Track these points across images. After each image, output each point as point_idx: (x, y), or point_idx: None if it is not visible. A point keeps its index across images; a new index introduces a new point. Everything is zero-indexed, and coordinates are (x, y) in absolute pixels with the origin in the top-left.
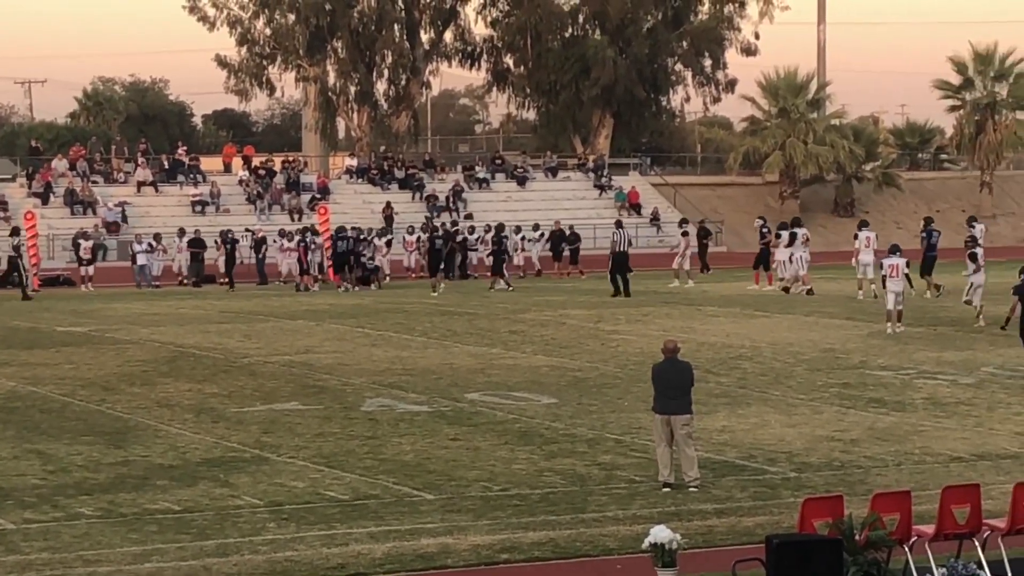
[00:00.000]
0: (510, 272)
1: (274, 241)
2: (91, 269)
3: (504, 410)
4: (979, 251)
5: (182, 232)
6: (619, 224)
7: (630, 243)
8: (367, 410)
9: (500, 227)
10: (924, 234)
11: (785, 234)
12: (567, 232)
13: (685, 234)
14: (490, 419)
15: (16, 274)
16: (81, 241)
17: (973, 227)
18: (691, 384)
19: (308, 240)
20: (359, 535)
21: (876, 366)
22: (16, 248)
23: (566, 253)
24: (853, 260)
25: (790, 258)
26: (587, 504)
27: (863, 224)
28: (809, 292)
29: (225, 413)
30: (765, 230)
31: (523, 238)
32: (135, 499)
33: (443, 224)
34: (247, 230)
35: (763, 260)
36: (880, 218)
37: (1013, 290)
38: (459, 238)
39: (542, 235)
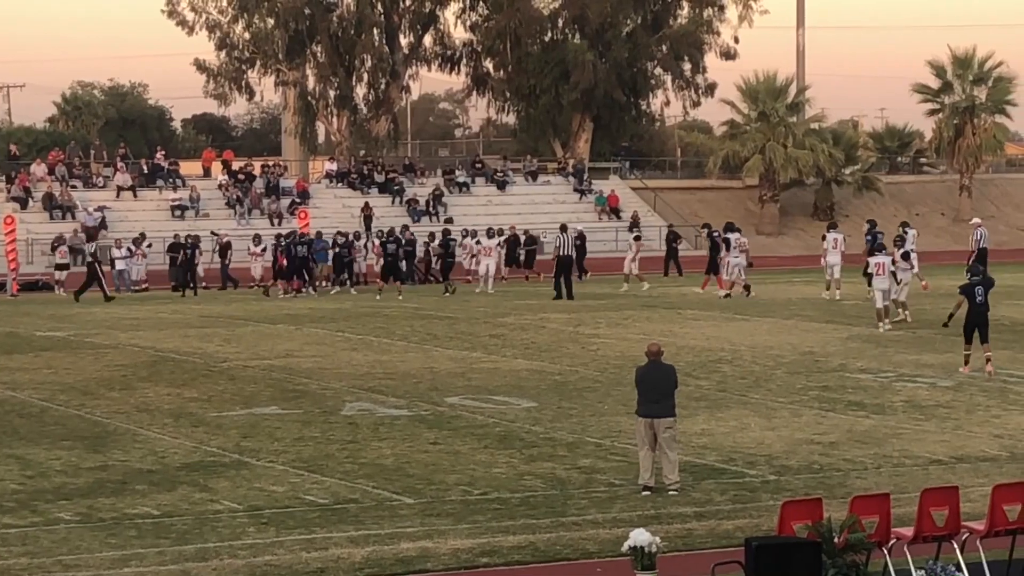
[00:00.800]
0: (461, 277)
1: (250, 246)
2: (64, 274)
3: (484, 414)
4: (912, 251)
5: (142, 237)
6: (563, 228)
7: (578, 247)
8: (347, 414)
9: (446, 232)
10: (869, 238)
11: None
12: (522, 237)
13: (637, 238)
14: (470, 423)
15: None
16: (58, 245)
17: (906, 233)
18: (675, 387)
19: (284, 244)
20: (339, 539)
21: (855, 369)
22: (93, 253)
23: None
24: (821, 261)
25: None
26: (567, 508)
27: (832, 226)
28: (745, 291)
29: (205, 417)
30: (715, 235)
31: (477, 242)
32: (114, 504)
33: (405, 228)
34: (212, 234)
35: (714, 265)
36: (859, 221)
37: (960, 289)
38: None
39: (505, 239)
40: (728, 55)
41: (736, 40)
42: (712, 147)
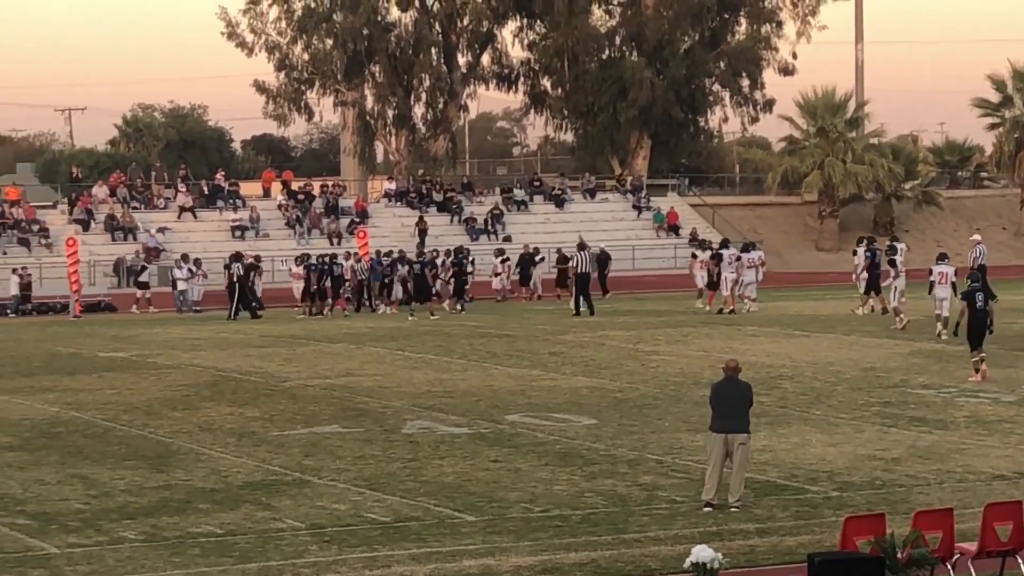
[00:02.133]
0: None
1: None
2: (144, 293)
3: (544, 431)
4: (898, 258)
5: (185, 258)
6: (581, 246)
7: (598, 263)
8: (408, 432)
9: (459, 249)
10: (868, 254)
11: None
12: (535, 256)
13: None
14: (530, 440)
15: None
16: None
17: (895, 247)
18: (750, 404)
19: (322, 265)
20: (401, 557)
21: (917, 384)
22: (238, 273)
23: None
24: (853, 277)
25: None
26: (628, 524)
27: (860, 241)
28: (730, 312)
29: (266, 436)
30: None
31: (503, 260)
32: (178, 523)
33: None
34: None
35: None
36: (920, 236)
37: (961, 295)
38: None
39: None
40: (786, 71)
41: (794, 56)
42: (771, 163)
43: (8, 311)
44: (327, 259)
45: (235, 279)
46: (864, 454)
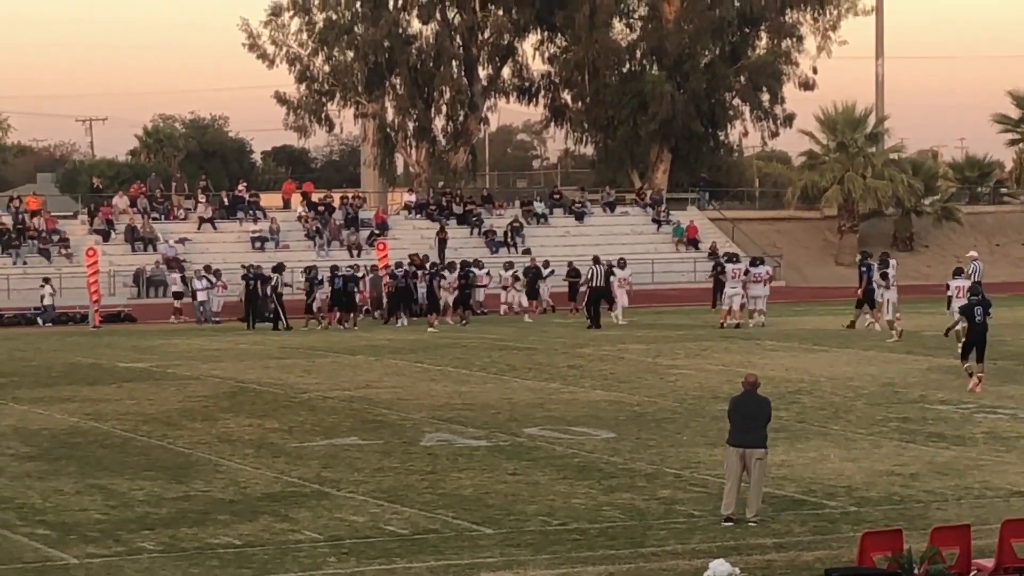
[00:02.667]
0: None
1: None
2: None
3: (563, 444)
4: (890, 271)
5: (207, 269)
6: (596, 260)
7: (608, 277)
8: (426, 445)
9: (464, 263)
10: (863, 268)
11: (741, 267)
12: (544, 269)
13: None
14: (549, 454)
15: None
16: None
17: (887, 261)
18: (768, 419)
19: (317, 277)
20: (419, 569)
21: (936, 400)
22: (274, 285)
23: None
24: (859, 292)
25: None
26: (646, 538)
27: (864, 256)
28: (737, 326)
29: (285, 448)
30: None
31: (514, 275)
32: (196, 534)
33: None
34: (241, 266)
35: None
36: (940, 252)
37: (959, 309)
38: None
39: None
40: (807, 86)
41: (815, 71)
42: (790, 177)
43: (41, 321)
44: (316, 270)
45: (270, 291)
46: (882, 469)
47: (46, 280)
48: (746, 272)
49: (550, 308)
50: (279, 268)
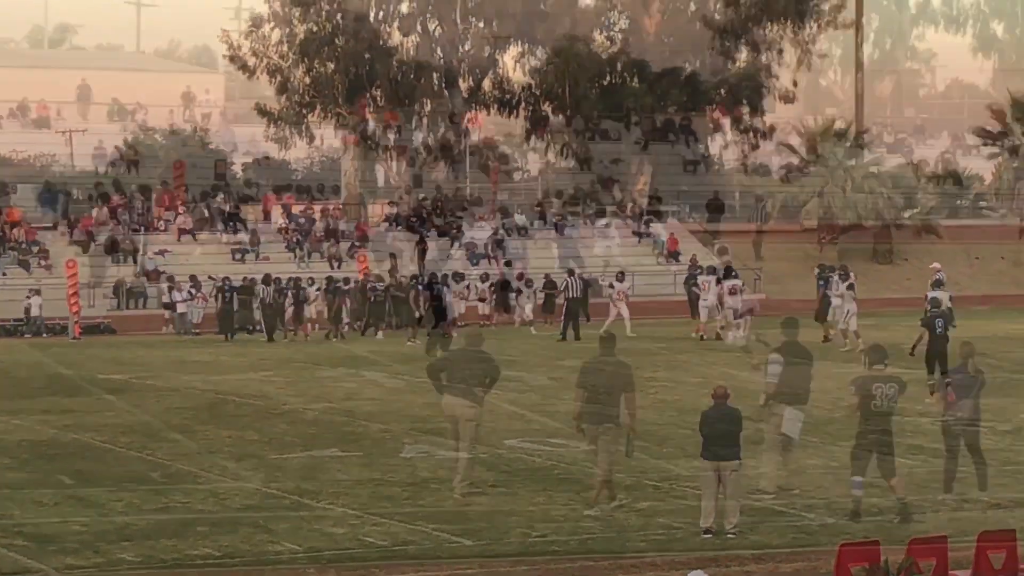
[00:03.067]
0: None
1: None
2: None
3: (543, 456)
4: (850, 282)
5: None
6: (571, 273)
7: (584, 290)
8: (407, 456)
9: (433, 276)
10: (821, 282)
11: (712, 279)
12: (519, 280)
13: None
14: (528, 465)
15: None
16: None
17: (848, 275)
18: (740, 431)
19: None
20: None
21: (915, 413)
22: (263, 297)
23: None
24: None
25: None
26: (625, 550)
27: (829, 269)
28: (702, 338)
29: (265, 460)
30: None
31: (467, 287)
32: (176, 545)
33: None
34: (210, 278)
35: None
36: (919, 265)
37: (920, 322)
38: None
39: (490, 286)
40: (787, 99)
41: (795, 83)
42: (771, 190)
43: (25, 333)
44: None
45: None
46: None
47: (36, 291)
48: (718, 283)
49: (527, 321)
50: (267, 280)
